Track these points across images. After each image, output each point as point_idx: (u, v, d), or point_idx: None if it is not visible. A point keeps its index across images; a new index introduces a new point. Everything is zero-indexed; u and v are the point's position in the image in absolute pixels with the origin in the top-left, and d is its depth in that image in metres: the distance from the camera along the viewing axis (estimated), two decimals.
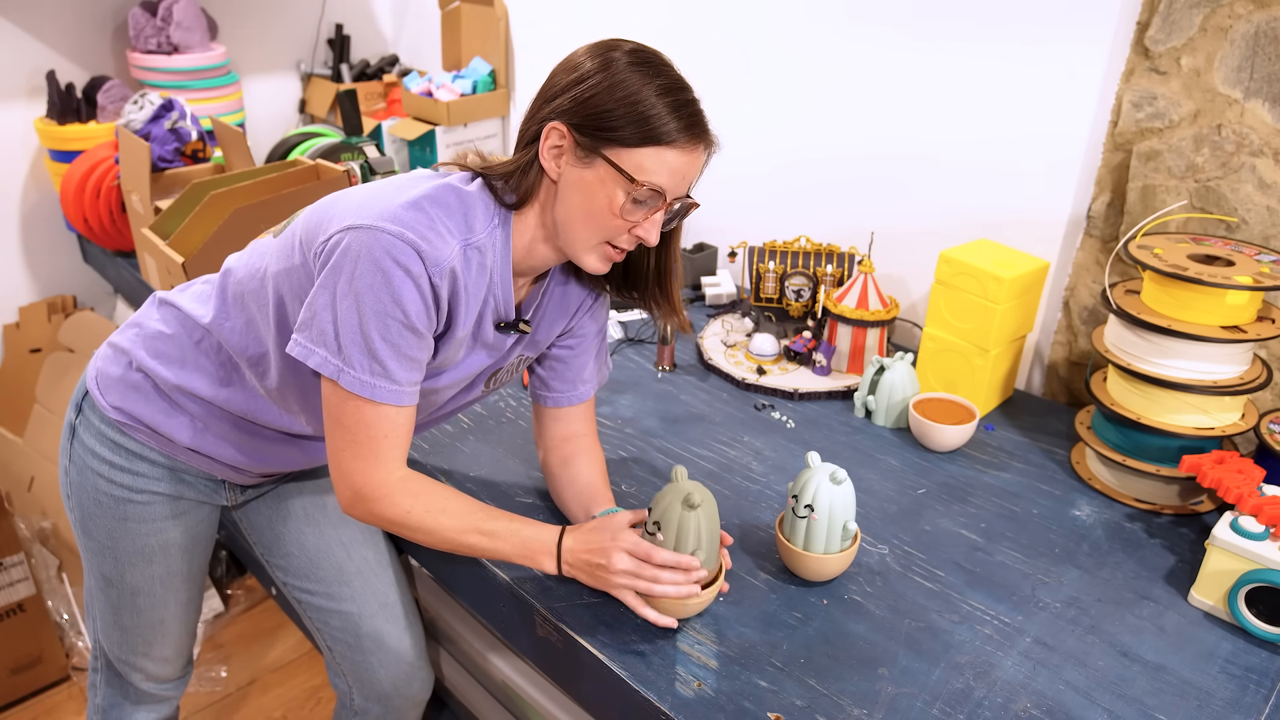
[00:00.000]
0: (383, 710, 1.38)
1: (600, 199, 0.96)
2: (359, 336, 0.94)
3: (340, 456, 1.01)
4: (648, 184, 0.95)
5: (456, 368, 1.10)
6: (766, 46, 1.87)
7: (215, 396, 1.14)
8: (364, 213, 0.95)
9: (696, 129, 0.96)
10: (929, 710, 0.96)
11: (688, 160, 0.97)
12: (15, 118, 2.29)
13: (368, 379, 0.95)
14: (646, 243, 1.00)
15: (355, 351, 0.95)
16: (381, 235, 0.92)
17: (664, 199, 0.97)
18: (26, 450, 2.27)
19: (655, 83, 0.94)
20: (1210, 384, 1.24)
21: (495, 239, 1.01)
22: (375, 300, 0.93)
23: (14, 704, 2.00)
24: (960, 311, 1.49)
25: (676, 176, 0.97)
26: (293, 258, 1.02)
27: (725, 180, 2.06)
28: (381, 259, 0.92)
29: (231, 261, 1.15)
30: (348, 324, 0.94)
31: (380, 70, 2.77)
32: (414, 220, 0.94)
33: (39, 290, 2.49)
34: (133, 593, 1.27)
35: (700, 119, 0.97)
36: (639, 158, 0.94)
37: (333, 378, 0.96)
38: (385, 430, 0.99)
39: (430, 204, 0.97)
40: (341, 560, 1.32)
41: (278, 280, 1.04)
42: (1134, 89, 1.41)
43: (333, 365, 0.95)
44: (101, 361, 1.21)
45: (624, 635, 1.05)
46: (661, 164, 0.95)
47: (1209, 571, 1.11)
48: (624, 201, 0.96)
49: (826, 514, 1.08)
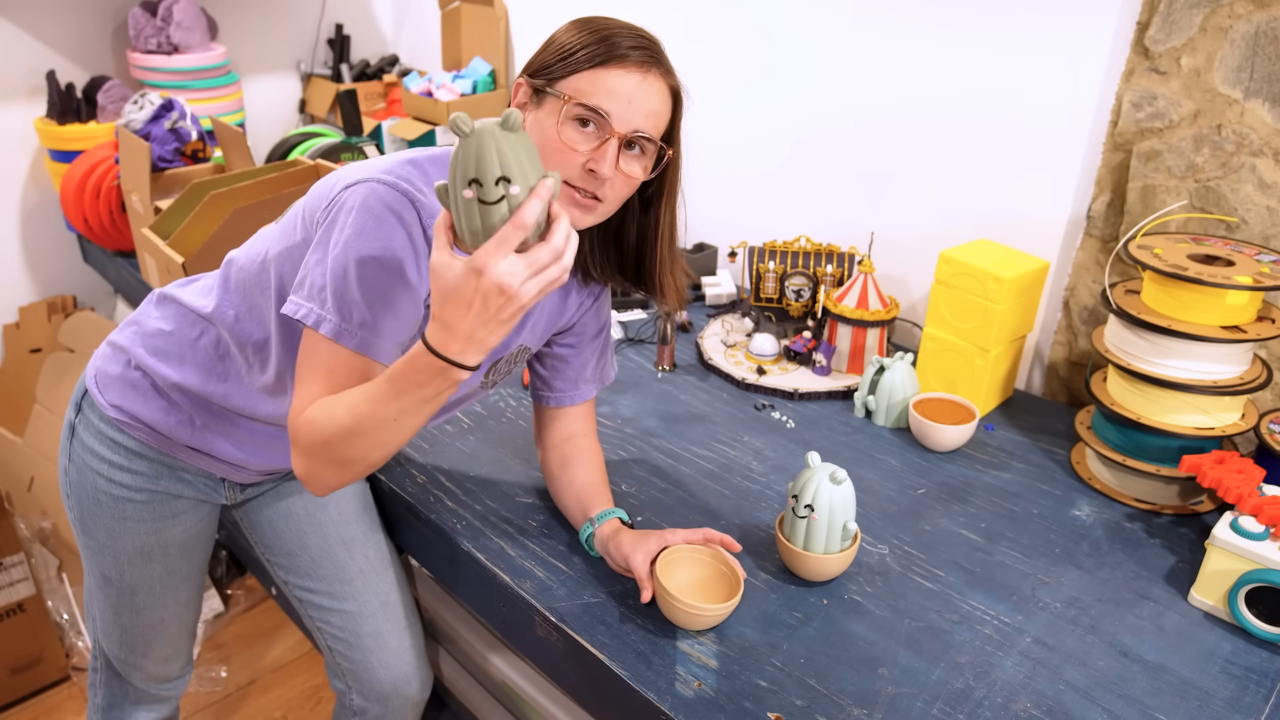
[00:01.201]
0: (382, 710, 1.38)
1: (550, 131, 0.95)
2: (345, 283, 0.92)
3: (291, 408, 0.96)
4: (583, 102, 0.94)
5: None
6: (767, 46, 1.87)
7: (214, 393, 1.14)
8: (362, 172, 0.96)
9: (626, 47, 0.94)
10: (929, 710, 0.96)
11: (629, 82, 0.94)
12: (15, 118, 2.29)
13: (347, 326, 0.92)
14: (601, 173, 0.95)
15: (340, 299, 0.92)
16: (376, 186, 0.93)
17: (608, 124, 0.94)
18: (26, 450, 2.27)
19: (591, 24, 0.97)
20: (1210, 384, 1.24)
21: None
22: (366, 245, 0.92)
23: (14, 704, 2.00)
24: (960, 311, 1.49)
25: (618, 99, 0.94)
26: (294, 236, 1.02)
27: (725, 180, 2.06)
28: (375, 206, 0.92)
29: (234, 253, 1.15)
30: (336, 271, 0.92)
31: (380, 70, 2.77)
32: (410, 174, 0.96)
33: (39, 290, 2.49)
34: (132, 592, 1.27)
35: (633, 42, 0.95)
36: (576, 82, 0.94)
37: (314, 326, 0.93)
38: (340, 372, 0.93)
39: (429, 162, 0.99)
40: (343, 559, 1.32)
41: (279, 261, 1.04)
42: (1134, 89, 1.41)
43: (316, 314, 0.93)
44: (100, 360, 1.21)
45: (624, 635, 1.05)
46: (597, 85, 0.94)
47: (1209, 571, 1.11)
48: (565, 123, 0.95)
49: (826, 514, 1.08)
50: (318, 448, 0.92)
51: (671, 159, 1.02)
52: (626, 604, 1.10)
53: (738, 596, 1.04)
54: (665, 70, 0.98)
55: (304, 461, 0.95)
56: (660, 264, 1.10)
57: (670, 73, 0.99)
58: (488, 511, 1.26)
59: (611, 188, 0.97)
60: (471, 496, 1.30)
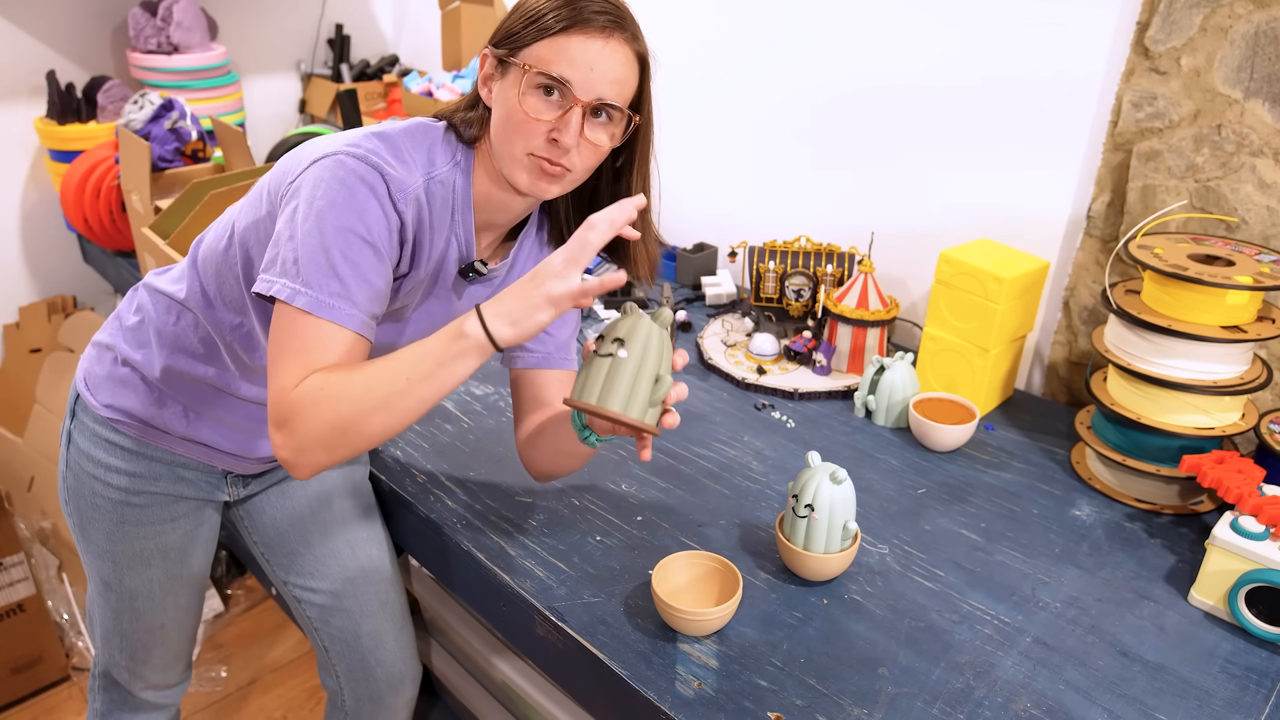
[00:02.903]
0: (375, 709, 1.37)
1: (513, 100, 0.94)
2: (320, 255, 0.90)
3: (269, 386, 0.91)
4: (543, 71, 0.92)
5: (418, 316, 1.07)
6: (767, 46, 1.87)
7: (203, 375, 1.13)
8: (329, 145, 0.95)
9: (590, 12, 0.93)
10: (929, 710, 0.96)
11: (592, 48, 0.92)
12: (15, 118, 2.29)
13: (324, 298, 0.90)
14: (563, 143, 0.93)
15: (314, 271, 0.90)
16: (345, 159, 0.92)
17: (571, 92, 0.93)
18: (26, 450, 2.27)
19: None
20: (1210, 384, 1.24)
21: (456, 174, 1.01)
22: (336, 216, 0.91)
23: (14, 704, 2.00)
24: (960, 311, 1.49)
25: (580, 66, 0.92)
26: (259, 209, 1.01)
27: (725, 179, 2.06)
28: (346, 177, 0.92)
29: (202, 234, 1.14)
30: (308, 244, 0.90)
31: (380, 70, 2.77)
32: (378, 147, 0.95)
33: (39, 290, 2.49)
34: (131, 597, 1.27)
35: (597, 7, 0.93)
36: (538, 51, 0.93)
37: (288, 300, 0.89)
38: (322, 346, 0.89)
39: (397, 135, 0.98)
40: (346, 558, 1.31)
41: (244, 235, 1.03)
42: (1134, 89, 1.41)
43: (290, 289, 0.90)
44: (87, 362, 1.21)
45: (624, 635, 1.05)
46: (558, 53, 0.92)
47: (1209, 571, 1.11)
48: (527, 92, 0.94)
49: (826, 514, 1.08)
50: (318, 421, 0.87)
51: (641, 126, 1.01)
52: (627, 604, 1.10)
53: (737, 597, 1.04)
54: (631, 35, 0.95)
55: (294, 439, 0.88)
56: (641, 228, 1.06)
57: (637, 38, 0.97)
58: (488, 510, 1.26)
59: (579, 156, 0.96)
60: (471, 495, 1.29)
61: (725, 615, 1.04)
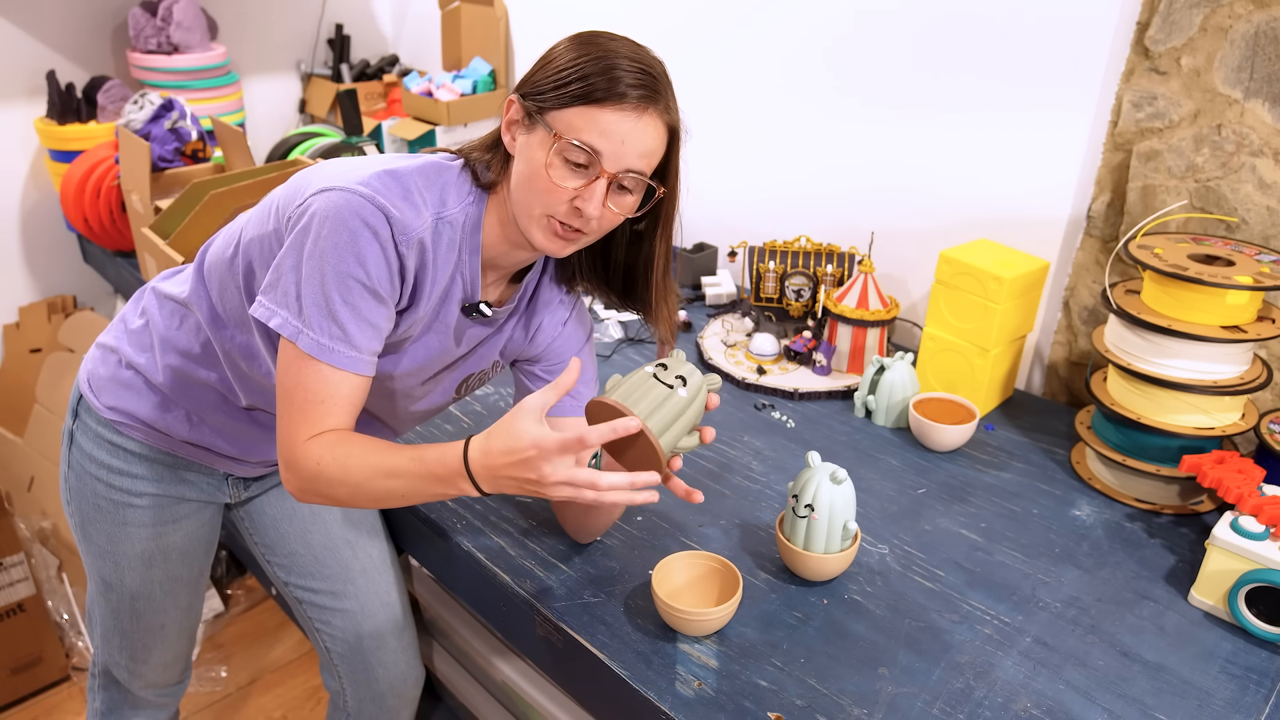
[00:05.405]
0: (376, 710, 1.38)
1: (538, 161, 0.93)
2: (321, 297, 0.92)
3: (279, 426, 0.97)
4: (574, 140, 0.91)
5: (415, 349, 1.07)
6: (768, 47, 1.87)
7: (206, 380, 1.13)
8: (340, 178, 0.94)
9: (626, 85, 0.90)
10: (929, 710, 0.96)
11: (625, 123, 0.91)
12: (15, 118, 2.29)
13: (325, 341, 0.93)
14: (586, 213, 0.93)
15: (316, 313, 0.92)
16: (352, 197, 0.92)
17: (599, 163, 0.92)
18: (26, 450, 2.27)
19: (591, 49, 0.92)
20: (1210, 384, 1.24)
21: (468, 215, 1.01)
22: (339, 260, 0.91)
23: (14, 704, 2.00)
24: (960, 311, 1.49)
25: (611, 139, 0.91)
26: (267, 224, 1.01)
27: (725, 179, 2.06)
28: (349, 219, 0.91)
29: (211, 239, 1.14)
30: (310, 284, 0.92)
31: (380, 70, 2.77)
32: (387, 187, 0.94)
33: (39, 290, 2.49)
34: (132, 597, 1.27)
35: (634, 79, 0.91)
36: (569, 116, 0.92)
37: (291, 339, 0.93)
38: (325, 395, 0.94)
39: (410, 174, 0.97)
40: (347, 558, 1.31)
41: (249, 247, 1.03)
42: (1134, 89, 1.41)
43: (292, 326, 0.93)
44: (91, 363, 1.21)
45: (624, 635, 1.05)
46: (591, 123, 0.91)
47: (1209, 571, 1.11)
48: (555, 161, 0.93)
49: (827, 514, 1.08)
50: (319, 485, 0.96)
51: (665, 195, 1.00)
52: (626, 604, 1.10)
53: (737, 597, 1.04)
54: (664, 108, 0.94)
55: (298, 484, 0.97)
56: (655, 291, 1.09)
57: (670, 109, 0.95)
58: (487, 511, 1.26)
59: (597, 223, 0.96)
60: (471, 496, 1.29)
61: (725, 615, 1.04)
